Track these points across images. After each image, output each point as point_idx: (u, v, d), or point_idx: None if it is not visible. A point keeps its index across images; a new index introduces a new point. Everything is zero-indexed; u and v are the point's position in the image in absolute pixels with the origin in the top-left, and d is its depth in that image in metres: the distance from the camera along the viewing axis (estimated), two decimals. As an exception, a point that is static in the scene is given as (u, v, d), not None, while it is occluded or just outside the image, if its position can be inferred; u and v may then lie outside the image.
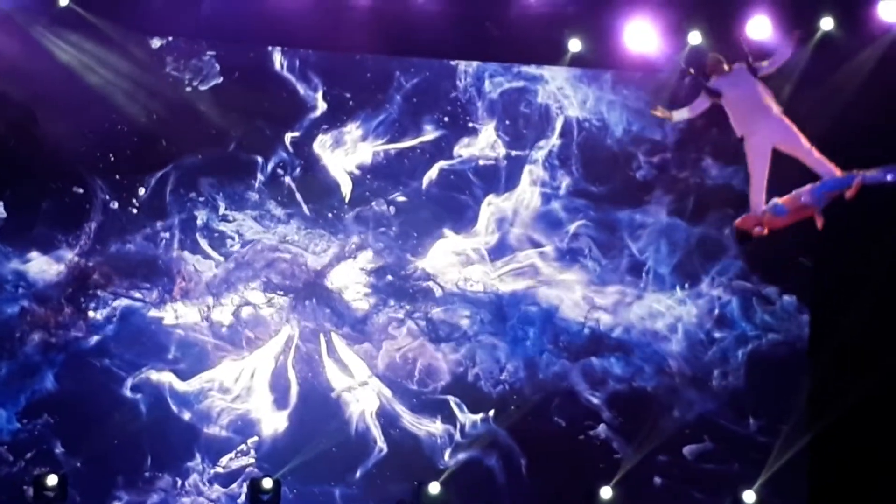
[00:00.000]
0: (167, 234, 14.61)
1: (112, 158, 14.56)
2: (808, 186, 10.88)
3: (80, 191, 14.46)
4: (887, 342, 14.84)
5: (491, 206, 15.32)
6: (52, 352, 14.26)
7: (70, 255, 14.37)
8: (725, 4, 14.68)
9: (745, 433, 15.21)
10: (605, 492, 14.70)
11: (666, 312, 15.27)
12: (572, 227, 15.38)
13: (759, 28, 14.64)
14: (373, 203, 15.08)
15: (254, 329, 14.72)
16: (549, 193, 15.37)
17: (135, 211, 14.60)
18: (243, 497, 14.36)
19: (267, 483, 14.05)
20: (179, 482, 14.38)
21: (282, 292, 14.80)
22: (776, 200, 10.95)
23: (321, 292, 14.90)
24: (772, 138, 10.95)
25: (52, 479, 13.76)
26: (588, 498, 14.77)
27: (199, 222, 14.70)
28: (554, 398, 15.08)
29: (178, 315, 14.49)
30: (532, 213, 15.34)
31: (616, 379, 15.12)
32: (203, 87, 14.76)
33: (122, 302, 14.44)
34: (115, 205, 14.53)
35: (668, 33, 14.77)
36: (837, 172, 10.94)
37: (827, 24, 14.78)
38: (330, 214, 15.01)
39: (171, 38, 14.60)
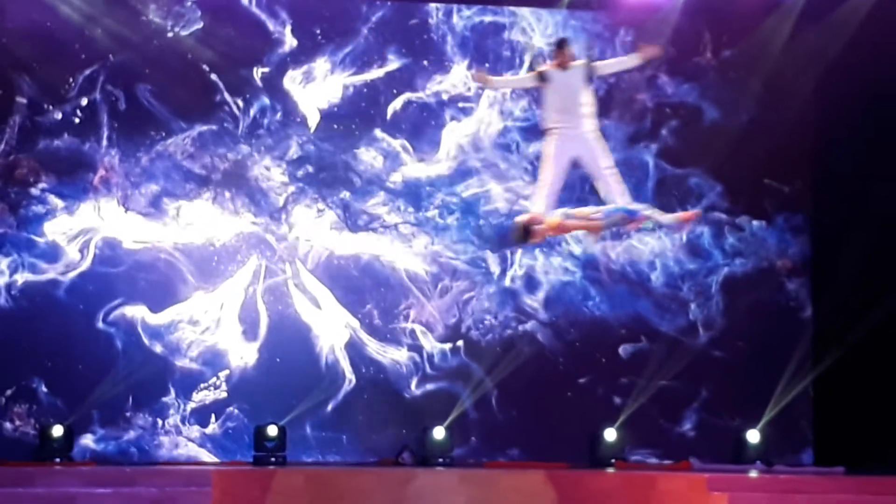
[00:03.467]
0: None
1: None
2: (603, 207, 10.36)
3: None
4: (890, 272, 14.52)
5: (454, 133, 15.13)
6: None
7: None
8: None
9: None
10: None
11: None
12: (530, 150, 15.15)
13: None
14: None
15: (177, 217, 14.59)
16: (506, 115, 15.19)
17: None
18: (215, 426, 14.27)
19: (272, 430, 13.93)
20: (160, 422, 14.27)
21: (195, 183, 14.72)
22: (568, 210, 10.75)
23: (241, 182, 14.79)
24: (573, 150, 10.33)
25: (57, 430, 13.68)
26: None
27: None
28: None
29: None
30: (491, 136, 15.17)
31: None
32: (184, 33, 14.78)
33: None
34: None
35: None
36: (625, 202, 10.33)
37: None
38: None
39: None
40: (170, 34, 14.70)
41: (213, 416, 14.33)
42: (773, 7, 15.02)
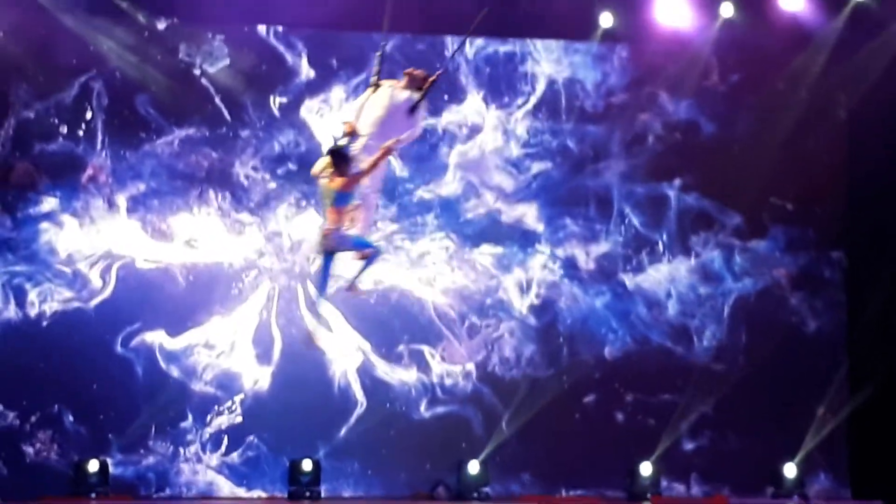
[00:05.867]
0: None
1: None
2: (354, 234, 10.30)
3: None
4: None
5: (457, 156, 15.27)
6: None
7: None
8: (756, -26, 14.67)
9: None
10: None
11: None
12: (534, 169, 15.37)
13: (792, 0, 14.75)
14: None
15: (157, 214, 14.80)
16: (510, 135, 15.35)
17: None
18: (234, 455, 14.63)
19: (307, 465, 14.25)
20: (181, 450, 14.56)
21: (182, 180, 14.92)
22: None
23: (224, 179, 14.97)
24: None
25: (93, 465, 14.09)
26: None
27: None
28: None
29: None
30: (494, 156, 15.31)
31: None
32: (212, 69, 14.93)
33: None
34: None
35: (700, 6, 14.82)
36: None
37: (860, -8, 14.65)
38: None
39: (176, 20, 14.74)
40: (197, 71, 14.80)
41: (231, 443, 14.60)
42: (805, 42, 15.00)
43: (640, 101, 15.37)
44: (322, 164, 10.03)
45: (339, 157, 9.91)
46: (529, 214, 15.32)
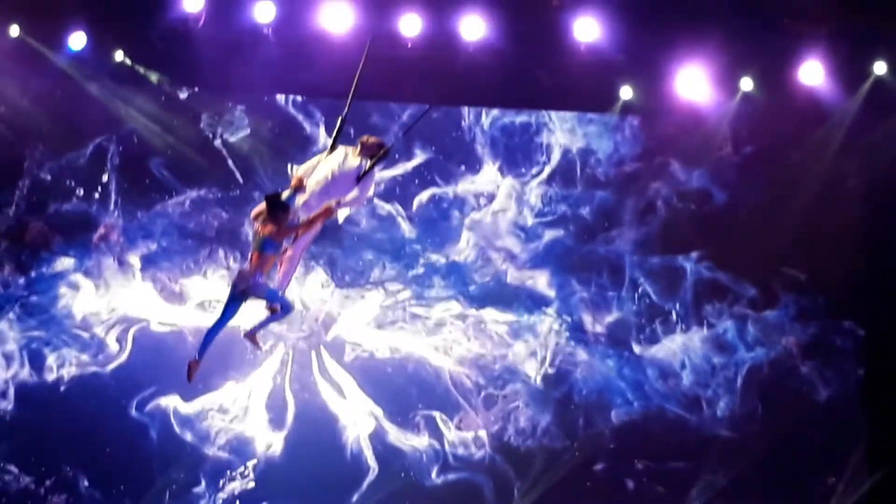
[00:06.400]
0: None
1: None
2: (276, 284, 10.61)
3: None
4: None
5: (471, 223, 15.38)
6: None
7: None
8: (777, 51, 14.61)
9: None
10: None
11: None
12: (547, 237, 15.44)
13: (812, 74, 14.74)
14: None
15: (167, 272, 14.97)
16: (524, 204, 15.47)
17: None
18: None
19: None
20: None
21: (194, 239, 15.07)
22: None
23: (231, 239, 15.10)
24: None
25: None
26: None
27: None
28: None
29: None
30: (508, 224, 15.40)
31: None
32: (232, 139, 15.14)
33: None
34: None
35: (720, 80, 14.82)
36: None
37: (880, 68, 14.65)
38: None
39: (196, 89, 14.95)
40: (217, 141, 14.97)
41: None
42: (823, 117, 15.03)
43: (653, 170, 15.44)
44: (260, 208, 10.28)
45: (276, 206, 10.17)
46: (541, 281, 15.38)
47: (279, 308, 10.51)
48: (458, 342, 15.16)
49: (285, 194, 10.31)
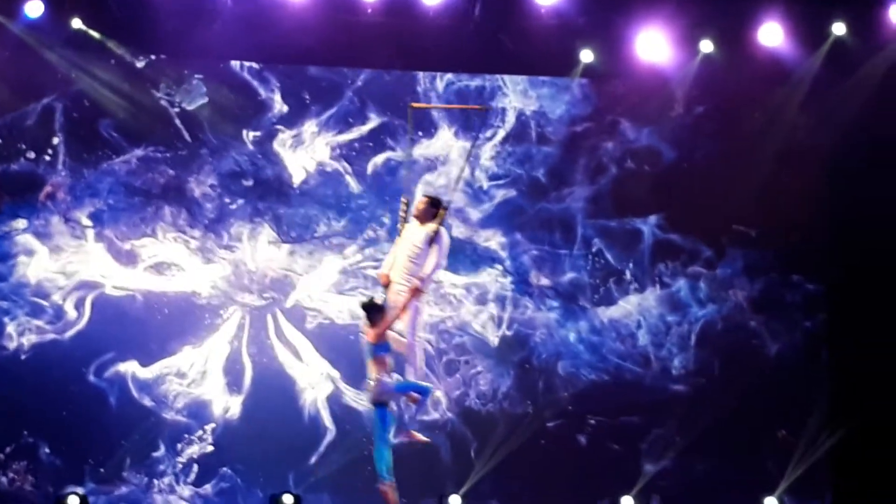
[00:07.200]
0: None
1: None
2: (395, 378, 10.77)
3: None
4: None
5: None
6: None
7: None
8: (737, 13, 14.61)
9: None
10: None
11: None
12: (498, 196, 15.45)
13: (771, 35, 14.71)
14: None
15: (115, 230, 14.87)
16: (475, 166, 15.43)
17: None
18: (208, 487, 14.66)
19: (288, 499, 14.37)
20: (156, 482, 14.62)
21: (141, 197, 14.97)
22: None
23: (178, 197, 15.05)
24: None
25: (73, 500, 14.09)
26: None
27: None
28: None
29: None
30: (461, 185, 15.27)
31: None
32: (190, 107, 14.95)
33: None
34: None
35: (680, 42, 14.80)
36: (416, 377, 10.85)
37: (839, 29, 14.70)
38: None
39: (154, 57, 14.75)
40: (176, 109, 14.78)
41: (203, 473, 14.61)
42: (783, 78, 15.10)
43: (604, 129, 15.45)
44: (363, 321, 10.65)
45: (373, 310, 10.61)
46: (494, 241, 15.39)
47: (419, 395, 10.79)
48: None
49: (378, 298, 10.66)
